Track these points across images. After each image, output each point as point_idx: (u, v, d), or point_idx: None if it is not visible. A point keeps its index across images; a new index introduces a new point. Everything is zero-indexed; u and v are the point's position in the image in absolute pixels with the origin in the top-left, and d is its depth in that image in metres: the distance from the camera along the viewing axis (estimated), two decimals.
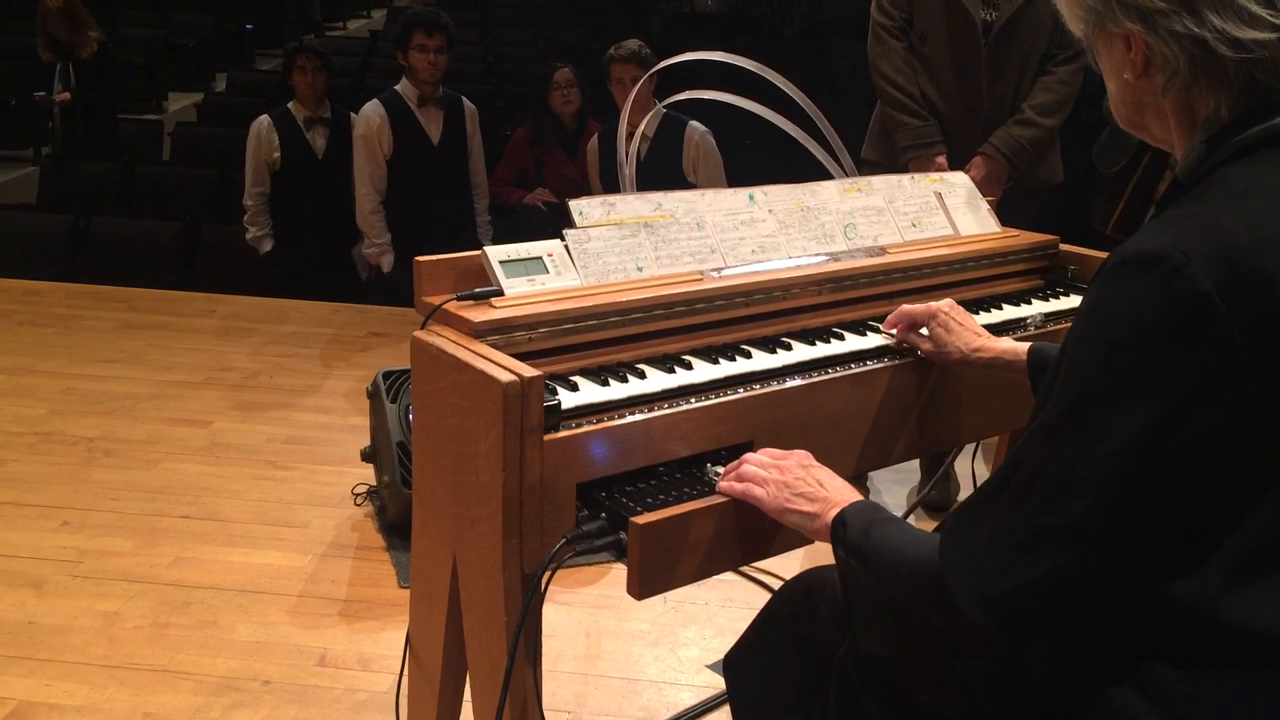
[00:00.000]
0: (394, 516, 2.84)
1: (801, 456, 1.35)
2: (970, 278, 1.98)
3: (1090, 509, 0.98)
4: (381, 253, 4.51)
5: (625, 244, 1.64)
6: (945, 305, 1.67)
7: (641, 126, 2.63)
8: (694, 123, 4.32)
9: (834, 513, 1.24)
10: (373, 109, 4.39)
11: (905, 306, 1.70)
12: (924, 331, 1.69)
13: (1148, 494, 0.97)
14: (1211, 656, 1.02)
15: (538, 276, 1.56)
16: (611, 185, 4.21)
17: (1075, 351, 1.03)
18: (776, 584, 2.57)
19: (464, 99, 4.59)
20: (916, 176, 2.06)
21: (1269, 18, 1.03)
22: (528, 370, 1.32)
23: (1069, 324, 1.68)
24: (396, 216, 4.49)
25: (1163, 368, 0.96)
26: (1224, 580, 1.01)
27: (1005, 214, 2.17)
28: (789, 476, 1.31)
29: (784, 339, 1.67)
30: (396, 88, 4.45)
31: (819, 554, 1.46)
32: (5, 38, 9.20)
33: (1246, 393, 0.96)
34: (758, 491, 1.32)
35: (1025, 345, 1.60)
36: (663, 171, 4.16)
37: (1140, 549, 1.00)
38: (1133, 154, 3.23)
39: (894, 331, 1.71)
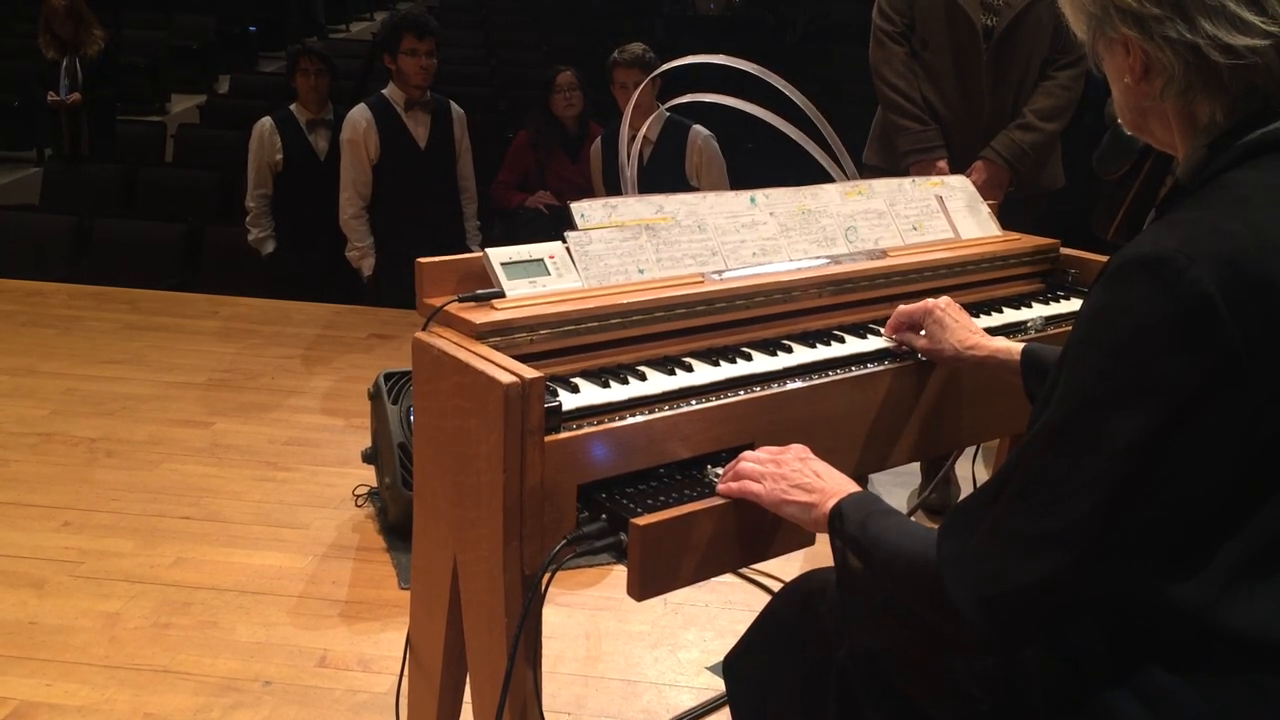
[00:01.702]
0: (395, 518, 2.85)
1: (798, 450, 1.35)
2: (971, 281, 1.98)
3: (1090, 512, 0.98)
4: (363, 256, 4.50)
5: (626, 246, 1.64)
6: (942, 301, 1.67)
7: (643, 130, 2.63)
8: (697, 126, 4.30)
9: (831, 504, 1.24)
10: (359, 113, 4.37)
11: (902, 307, 1.70)
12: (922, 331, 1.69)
13: (1147, 498, 0.98)
14: (1210, 662, 1.03)
15: (539, 278, 1.57)
16: (615, 189, 4.21)
17: (1077, 354, 1.03)
18: (777, 586, 2.57)
19: (452, 103, 4.57)
20: (918, 180, 2.06)
21: (1261, 24, 1.03)
22: (529, 372, 1.33)
23: (1070, 327, 1.69)
24: (383, 220, 4.48)
25: (1165, 371, 0.96)
26: (1222, 585, 1.01)
27: (1006, 219, 2.17)
28: (785, 469, 1.31)
29: (785, 341, 1.67)
30: (384, 91, 4.43)
31: (819, 557, 1.46)
32: (7, 39, 9.21)
33: (1246, 398, 0.96)
34: (754, 487, 1.32)
35: (1020, 345, 1.60)
36: (665, 175, 4.16)
37: (1139, 553, 1.00)
38: (1134, 161, 3.23)
39: (894, 336, 1.71)
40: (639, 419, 1.41)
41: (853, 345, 1.69)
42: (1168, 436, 0.96)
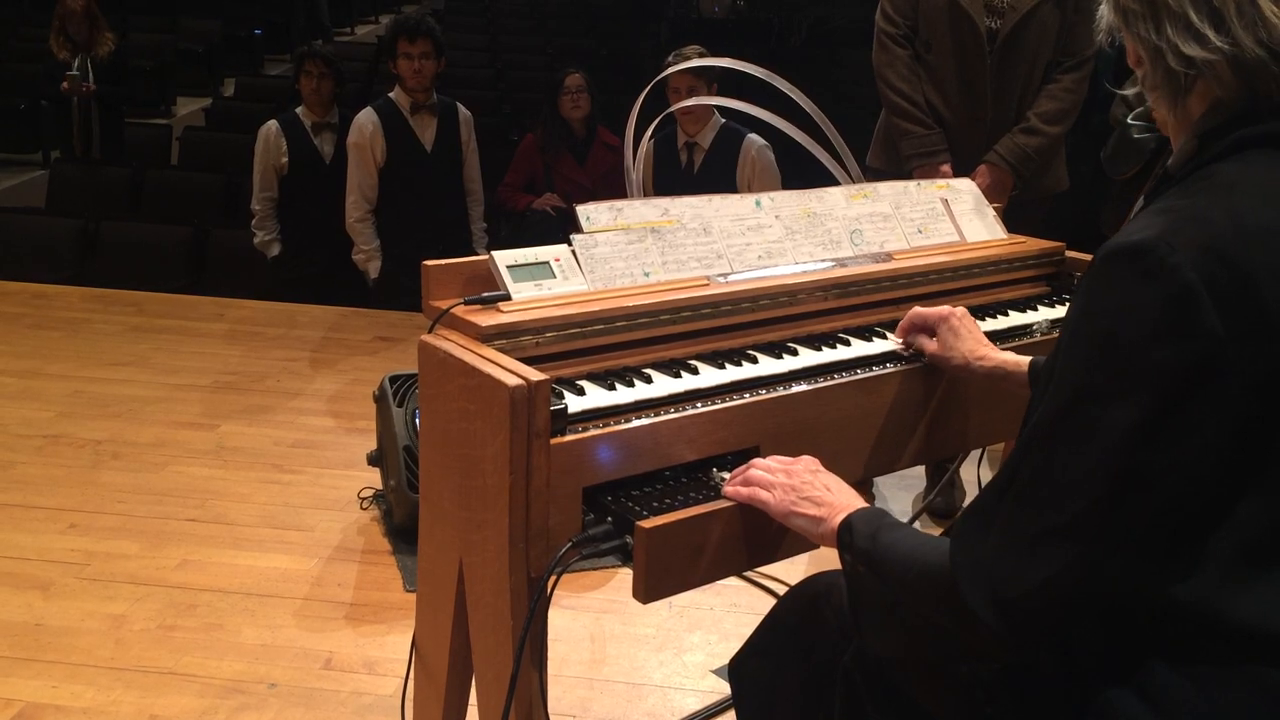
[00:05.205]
0: (400, 520, 2.85)
1: (809, 462, 1.36)
2: (976, 284, 1.98)
3: (1093, 504, 0.99)
4: (368, 259, 4.52)
5: (632, 249, 1.64)
6: (959, 311, 1.68)
7: (647, 135, 2.61)
8: (752, 135, 4.07)
9: (840, 518, 1.24)
10: (365, 117, 4.40)
11: (918, 308, 1.71)
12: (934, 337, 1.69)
13: (1148, 487, 0.98)
14: (1210, 655, 1.03)
15: (545, 281, 1.57)
16: (663, 190, 4.09)
17: (1069, 347, 1.05)
18: (782, 590, 2.57)
19: (459, 105, 4.59)
20: (923, 183, 2.06)
21: (1215, 39, 1.06)
22: (535, 374, 1.33)
23: None
24: (389, 223, 4.49)
25: (1153, 360, 0.97)
26: (1220, 577, 1.01)
27: (1011, 221, 2.17)
28: (796, 480, 1.32)
29: (790, 344, 1.67)
30: (390, 95, 4.46)
31: (825, 560, 1.46)
32: (14, 43, 9.23)
33: (1231, 384, 0.97)
34: (764, 495, 1.32)
35: (1027, 359, 1.60)
36: (716, 183, 3.97)
37: (1143, 545, 1.00)
38: (1145, 161, 3.22)
39: (904, 338, 1.71)
40: (644, 422, 1.42)
41: (858, 348, 1.69)
42: (1160, 426, 0.97)
